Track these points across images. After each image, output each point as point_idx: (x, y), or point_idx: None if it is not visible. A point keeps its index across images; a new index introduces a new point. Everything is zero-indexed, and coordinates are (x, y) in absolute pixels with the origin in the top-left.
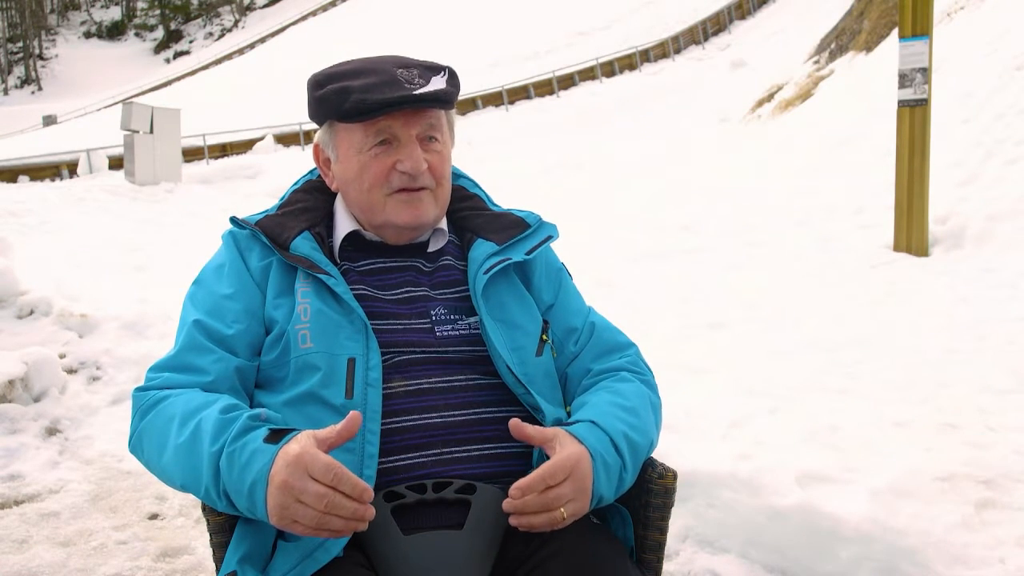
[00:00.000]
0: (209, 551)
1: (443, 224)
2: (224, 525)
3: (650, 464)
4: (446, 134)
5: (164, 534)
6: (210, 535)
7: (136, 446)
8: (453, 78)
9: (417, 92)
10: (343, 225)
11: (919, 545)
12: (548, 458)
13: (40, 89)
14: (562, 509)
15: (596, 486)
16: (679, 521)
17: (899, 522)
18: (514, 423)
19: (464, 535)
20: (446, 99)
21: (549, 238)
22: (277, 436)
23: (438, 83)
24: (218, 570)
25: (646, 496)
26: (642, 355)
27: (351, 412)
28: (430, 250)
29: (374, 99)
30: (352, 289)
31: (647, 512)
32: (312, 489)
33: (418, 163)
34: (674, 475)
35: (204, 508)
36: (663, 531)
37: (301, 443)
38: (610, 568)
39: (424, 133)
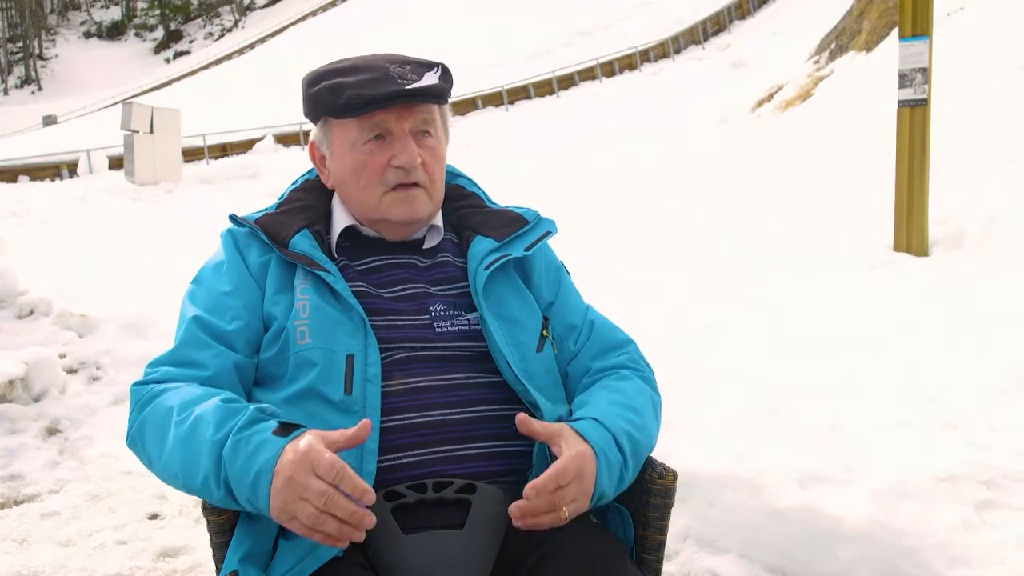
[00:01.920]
0: (209, 551)
1: (438, 221)
2: (224, 525)
3: (650, 464)
4: (439, 129)
5: (164, 534)
6: (210, 535)
7: (134, 440)
8: (446, 74)
9: (410, 87)
10: (340, 221)
11: (919, 545)
12: (549, 454)
13: (40, 89)
14: (565, 508)
15: (598, 483)
16: (679, 521)
17: (899, 522)
18: (521, 418)
19: (464, 535)
20: (439, 94)
21: (548, 234)
22: (286, 430)
23: (431, 78)
24: (218, 570)
25: (646, 496)
26: (640, 351)
27: (363, 420)
28: (425, 246)
29: (369, 94)
30: (351, 286)
31: (647, 512)
32: (314, 486)
33: (412, 157)
34: (674, 475)
35: (204, 508)
36: (663, 531)
37: (309, 440)
38: (610, 568)
39: (417, 128)
